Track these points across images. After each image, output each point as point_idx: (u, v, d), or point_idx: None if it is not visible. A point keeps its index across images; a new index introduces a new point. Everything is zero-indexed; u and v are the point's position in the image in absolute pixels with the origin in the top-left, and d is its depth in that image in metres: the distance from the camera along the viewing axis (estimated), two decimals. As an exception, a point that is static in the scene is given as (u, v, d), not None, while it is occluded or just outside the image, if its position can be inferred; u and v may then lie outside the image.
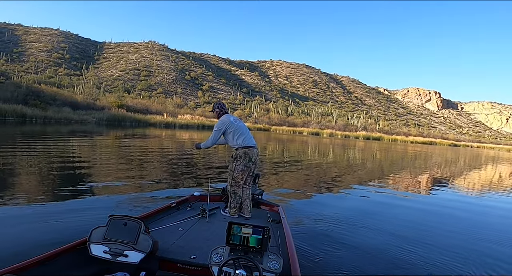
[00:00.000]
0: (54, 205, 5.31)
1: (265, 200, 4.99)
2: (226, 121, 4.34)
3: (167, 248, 3.01)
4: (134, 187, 7.07)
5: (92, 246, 2.59)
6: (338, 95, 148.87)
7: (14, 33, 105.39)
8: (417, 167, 17.76)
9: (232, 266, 2.32)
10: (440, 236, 5.23)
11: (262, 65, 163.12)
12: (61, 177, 7.54)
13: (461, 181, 13.56)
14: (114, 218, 2.70)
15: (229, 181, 4.35)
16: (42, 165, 8.66)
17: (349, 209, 6.50)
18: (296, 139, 43.02)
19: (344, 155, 22.75)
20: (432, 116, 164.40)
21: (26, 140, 15.33)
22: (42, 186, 6.48)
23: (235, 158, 4.31)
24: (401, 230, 5.36)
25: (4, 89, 36.73)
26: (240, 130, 4.34)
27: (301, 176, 11.00)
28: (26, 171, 7.80)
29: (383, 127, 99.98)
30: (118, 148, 15.36)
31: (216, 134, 4.33)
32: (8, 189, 6.04)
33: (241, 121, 4.52)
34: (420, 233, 5.30)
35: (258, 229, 2.47)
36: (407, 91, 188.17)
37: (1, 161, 8.89)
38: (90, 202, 5.63)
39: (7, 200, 5.31)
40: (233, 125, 4.32)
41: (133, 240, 2.58)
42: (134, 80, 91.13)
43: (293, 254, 2.83)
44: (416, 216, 6.53)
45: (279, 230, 3.75)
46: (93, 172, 8.49)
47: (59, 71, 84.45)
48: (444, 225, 5.98)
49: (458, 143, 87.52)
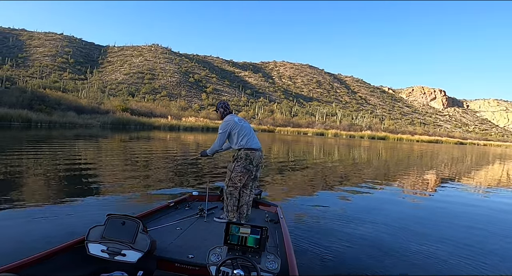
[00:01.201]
0: (60, 204, 5.40)
1: (263, 200, 4.98)
2: (231, 121, 4.07)
3: (165, 247, 3.01)
4: (137, 187, 7.03)
5: (89, 245, 2.58)
6: (342, 95, 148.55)
7: (18, 38, 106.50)
8: (424, 166, 17.54)
9: (230, 266, 2.31)
10: (448, 234, 5.12)
11: (266, 66, 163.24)
12: (66, 178, 7.56)
13: (468, 178, 13.34)
14: (112, 217, 2.69)
15: (226, 181, 4.08)
16: (48, 168, 8.72)
17: (351, 209, 6.44)
18: (301, 139, 42.88)
19: (349, 154, 22.57)
20: (438, 114, 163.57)
21: (33, 144, 15.40)
22: (49, 187, 6.58)
23: (236, 158, 4.06)
24: (403, 228, 5.24)
25: (9, 94, 36.97)
26: (245, 131, 4.07)
27: (305, 176, 10.86)
28: (32, 173, 7.94)
29: (388, 126, 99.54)
30: (122, 151, 15.33)
31: (221, 137, 4.08)
32: (18, 190, 6.21)
33: (246, 122, 4.25)
34: (425, 231, 5.18)
35: (256, 229, 2.47)
36: (412, 90, 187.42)
37: (10, 164, 9.04)
38: (95, 201, 5.71)
39: (16, 200, 5.45)
40: (237, 126, 4.04)
41: (131, 239, 2.56)
42: (138, 83, 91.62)
43: (291, 254, 2.82)
44: (422, 215, 6.40)
45: (277, 230, 3.73)
46: (98, 173, 8.51)
47: (64, 75, 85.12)
48: (452, 223, 5.85)
49: (465, 141, 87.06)
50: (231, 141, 4.14)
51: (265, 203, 4.87)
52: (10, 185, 6.60)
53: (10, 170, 8.17)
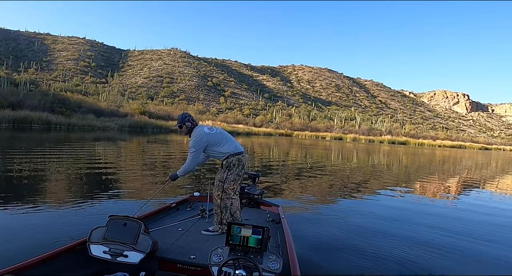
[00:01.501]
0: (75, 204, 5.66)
1: (265, 200, 4.99)
2: (202, 135, 3.59)
3: (167, 248, 3.02)
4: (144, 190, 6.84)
5: (91, 246, 2.59)
6: (361, 99, 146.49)
7: (43, 42, 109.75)
8: (446, 172, 16.74)
9: (231, 266, 2.31)
10: (466, 244, 4.86)
11: (284, 70, 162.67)
12: (83, 179, 7.94)
13: (494, 186, 12.62)
14: (114, 218, 2.71)
15: (217, 195, 3.63)
16: (68, 170, 9.12)
17: (354, 211, 6.54)
18: (319, 144, 42.31)
19: (368, 160, 21.91)
20: (461, 119, 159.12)
21: (53, 146, 15.98)
22: (67, 188, 6.84)
23: (227, 167, 3.61)
24: (411, 235, 5.10)
25: (32, 97, 37.91)
26: (224, 137, 3.69)
27: (322, 181, 10.62)
28: (52, 173, 8.31)
29: (409, 131, 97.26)
30: (141, 154, 15.29)
31: (196, 155, 3.59)
32: (38, 190, 6.45)
33: (218, 128, 3.85)
34: (439, 240, 4.95)
35: (257, 229, 2.45)
36: (434, 94, 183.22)
37: (33, 165, 9.47)
38: (113, 203, 5.93)
39: (38, 199, 5.79)
40: (211, 136, 3.60)
41: (133, 240, 2.58)
42: (157, 87, 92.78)
43: (293, 255, 2.82)
44: (441, 222, 6.05)
45: (279, 230, 3.74)
46: (115, 176, 8.73)
47: (86, 79, 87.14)
48: (475, 233, 5.49)
49: (489, 147, 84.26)
50: (211, 153, 3.71)
51: (267, 203, 4.89)
52: (35, 185, 6.93)
53: (33, 171, 8.53)
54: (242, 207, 4.57)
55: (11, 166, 9.00)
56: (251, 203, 4.87)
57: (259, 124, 71.92)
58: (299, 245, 3.64)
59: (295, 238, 3.54)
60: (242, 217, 3.99)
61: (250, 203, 4.87)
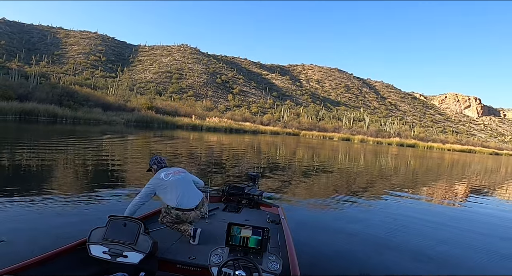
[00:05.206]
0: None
1: (265, 201, 5.01)
2: (157, 178, 3.42)
3: (167, 248, 3.04)
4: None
5: (91, 246, 2.59)
6: (371, 100, 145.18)
7: (56, 36, 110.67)
8: (455, 177, 16.31)
9: (231, 267, 2.31)
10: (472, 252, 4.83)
11: (294, 69, 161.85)
12: (83, 177, 7.82)
13: (503, 193, 12.21)
14: (113, 219, 2.70)
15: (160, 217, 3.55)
16: (74, 162, 9.48)
17: (356, 212, 6.58)
18: (326, 144, 41.90)
19: (375, 162, 21.52)
20: (472, 123, 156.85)
21: (58, 138, 16.23)
22: (67, 188, 6.77)
23: (166, 212, 3.45)
24: (413, 240, 5.04)
25: (40, 89, 38.12)
26: (174, 188, 3.36)
27: (327, 182, 10.47)
28: (50, 170, 8.25)
29: (418, 134, 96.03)
30: (147, 150, 15.15)
31: (145, 192, 3.36)
32: (36, 188, 6.40)
33: (181, 173, 3.54)
34: (441, 247, 4.83)
35: (257, 230, 2.46)
36: (445, 97, 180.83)
37: (41, 156, 9.75)
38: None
39: (44, 190, 6.09)
40: (163, 182, 3.36)
41: (132, 241, 2.57)
42: (166, 82, 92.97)
43: (292, 255, 2.82)
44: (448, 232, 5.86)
45: (279, 231, 3.74)
46: (115, 174, 8.67)
47: (96, 73, 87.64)
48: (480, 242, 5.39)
49: (500, 152, 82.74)
50: (162, 198, 3.48)
51: (267, 204, 4.90)
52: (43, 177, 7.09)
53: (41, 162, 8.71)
54: (242, 208, 4.70)
55: (6, 161, 8.91)
56: (251, 204, 4.90)
57: (266, 122, 71.57)
58: (299, 246, 3.59)
59: (295, 239, 3.50)
60: (242, 217, 4.14)
61: (250, 203, 4.90)
